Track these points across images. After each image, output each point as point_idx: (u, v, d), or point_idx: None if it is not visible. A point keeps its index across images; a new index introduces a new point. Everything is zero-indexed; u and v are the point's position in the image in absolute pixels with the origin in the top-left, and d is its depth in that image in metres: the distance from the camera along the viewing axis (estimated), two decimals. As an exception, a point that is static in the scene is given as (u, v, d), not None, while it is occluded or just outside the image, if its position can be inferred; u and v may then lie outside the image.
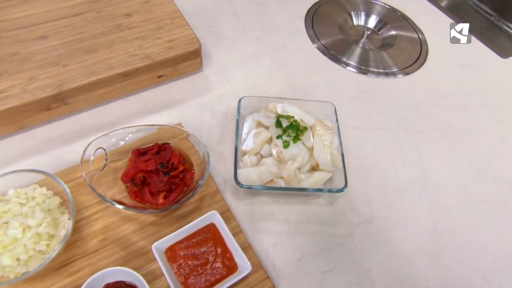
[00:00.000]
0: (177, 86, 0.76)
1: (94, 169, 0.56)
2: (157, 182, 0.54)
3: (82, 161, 0.54)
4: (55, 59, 0.68)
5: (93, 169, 0.56)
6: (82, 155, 0.55)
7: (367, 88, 0.82)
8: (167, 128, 0.62)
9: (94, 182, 0.55)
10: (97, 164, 0.57)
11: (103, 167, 0.56)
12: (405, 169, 0.70)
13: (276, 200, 0.63)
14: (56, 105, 0.66)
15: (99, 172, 0.55)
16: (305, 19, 0.92)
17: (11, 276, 0.47)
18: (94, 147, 0.56)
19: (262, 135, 0.61)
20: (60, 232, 0.51)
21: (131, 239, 0.56)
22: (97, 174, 0.55)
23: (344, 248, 0.60)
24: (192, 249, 0.52)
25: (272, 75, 0.81)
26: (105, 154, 0.57)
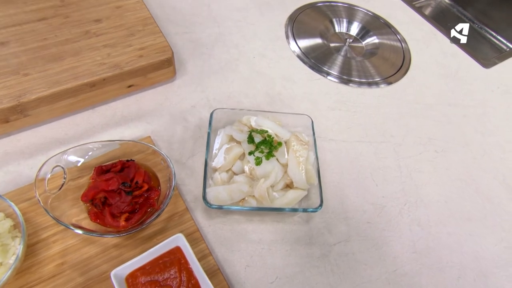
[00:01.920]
0: (148, 96, 0.72)
1: (50, 188, 0.52)
2: (119, 203, 0.51)
3: (36, 180, 0.50)
4: (15, 67, 0.63)
5: (49, 188, 0.52)
6: (36, 174, 0.51)
7: (348, 98, 0.79)
8: (132, 143, 0.59)
9: (49, 203, 0.51)
10: (55, 182, 0.54)
11: (60, 186, 0.52)
12: (385, 184, 0.68)
13: (249, 218, 0.60)
14: (15, 117, 0.61)
15: (57, 192, 0.51)
16: (286, 26, 0.89)
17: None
18: (52, 165, 0.53)
19: (234, 151, 0.58)
20: (9, 259, 0.47)
21: (92, 263, 0.52)
22: (53, 194, 0.51)
23: (320, 270, 0.57)
24: (154, 275, 0.48)
25: (249, 85, 0.78)
26: (64, 173, 0.53)
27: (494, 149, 0.77)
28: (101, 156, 0.59)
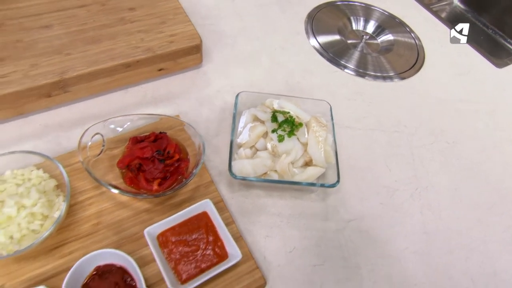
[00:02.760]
0: (177, 80, 0.77)
1: (91, 155, 0.57)
2: (153, 169, 0.55)
3: (79, 145, 0.55)
4: (58, 48, 0.69)
5: (90, 154, 0.56)
6: (79, 139, 0.56)
7: (364, 90, 0.83)
8: (165, 119, 0.63)
9: (90, 167, 0.55)
10: (94, 150, 0.58)
11: (100, 152, 0.57)
12: (398, 170, 0.72)
13: (269, 193, 0.64)
14: (56, 93, 0.67)
15: (96, 157, 0.56)
16: (305, 22, 0.94)
17: (3, 253, 0.47)
18: (92, 133, 0.57)
19: (257, 129, 0.62)
20: (54, 214, 0.51)
21: (124, 224, 0.56)
22: (93, 159, 0.56)
23: (335, 243, 0.61)
24: (183, 235, 0.52)
25: (270, 74, 0.82)
26: (103, 140, 0.58)
27: (503, 143, 0.80)
28: (135, 130, 0.63)
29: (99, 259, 0.50)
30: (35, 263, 0.52)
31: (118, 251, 0.49)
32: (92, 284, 0.48)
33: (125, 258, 0.49)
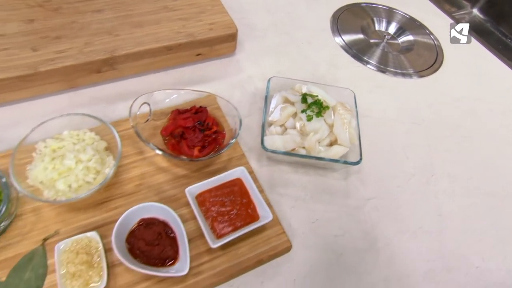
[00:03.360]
0: (212, 66, 0.83)
1: (139, 122, 0.63)
2: (193, 137, 0.61)
3: (130, 111, 0.61)
4: (108, 29, 0.76)
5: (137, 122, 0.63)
6: (131, 106, 0.62)
7: (384, 84, 0.89)
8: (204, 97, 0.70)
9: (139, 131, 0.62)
10: (140, 120, 0.65)
11: (147, 120, 0.63)
12: (415, 158, 0.76)
13: (295, 170, 0.69)
14: (105, 69, 0.73)
15: (144, 123, 0.62)
16: (331, 20, 1.00)
17: (63, 198, 0.53)
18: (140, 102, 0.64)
19: (288, 109, 0.68)
20: (105, 170, 0.57)
21: (164, 187, 0.62)
22: (143, 123, 0.62)
23: (355, 218, 0.66)
24: (219, 197, 0.58)
25: (297, 66, 0.88)
26: (149, 109, 0.64)
27: (517, 140, 0.84)
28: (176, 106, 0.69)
29: (144, 212, 0.55)
30: (85, 214, 0.58)
31: (163, 205, 0.55)
32: (138, 232, 0.54)
33: (169, 211, 0.54)
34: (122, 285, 0.52)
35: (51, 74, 0.69)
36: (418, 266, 0.62)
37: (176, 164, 0.64)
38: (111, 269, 0.53)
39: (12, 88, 0.68)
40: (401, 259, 0.62)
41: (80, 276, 0.50)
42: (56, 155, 0.56)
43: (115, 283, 0.52)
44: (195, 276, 0.54)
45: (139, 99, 0.63)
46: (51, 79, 0.70)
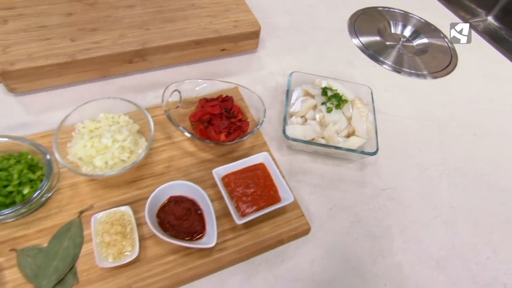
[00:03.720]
0: (235, 61, 0.88)
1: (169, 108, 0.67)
2: (220, 124, 0.65)
3: (163, 97, 0.65)
4: (139, 24, 0.81)
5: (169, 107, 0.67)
6: (163, 93, 0.66)
7: (399, 84, 0.92)
8: (229, 89, 0.74)
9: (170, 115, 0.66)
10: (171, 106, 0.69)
11: (176, 106, 0.67)
12: (428, 153, 0.79)
13: (314, 159, 0.73)
14: (136, 60, 0.78)
15: (175, 108, 0.67)
16: (349, 22, 1.04)
17: (100, 173, 0.57)
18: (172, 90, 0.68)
19: (308, 102, 0.71)
20: (138, 150, 0.61)
21: (191, 169, 0.66)
22: (172, 111, 0.66)
23: (370, 206, 0.69)
24: (244, 179, 0.61)
25: (316, 63, 0.92)
26: (180, 96, 0.68)
27: (529, 141, 0.86)
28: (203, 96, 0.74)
29: (173, 190, 0.59)
30: (118, 191, 0.62)
31: (192, 184, 0.59)
32: (168, 208, 0.57)
33: (197, 189, 0.58)
34: (151, 257, 0.56)
35: (87, 63, 0.74)
36: (431, 254, 0.65)
37: (203, 149, 0.68)
38: (141, 242, 0.57)
39: (52, 75, 0.73)
40: (414, 246, 0.65)
41: (114, 245, 0.54)
42: (94, 134, 0.60)
43: (145, 254, 0.56)
44: (219, 252, 0.57)
45: (171, 86, 0.68)
46: (86, 67, 0.75)
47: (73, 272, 0.54)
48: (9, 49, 0.71)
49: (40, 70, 0.71)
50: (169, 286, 0.55)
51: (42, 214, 0.58)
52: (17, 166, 0.58)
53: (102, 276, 0.54)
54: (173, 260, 0.56)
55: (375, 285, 0.60)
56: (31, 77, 0.72)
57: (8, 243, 0.55)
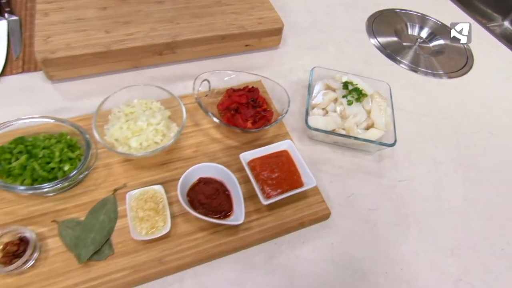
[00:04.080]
0: (258, 56, 0.92)
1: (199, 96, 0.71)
2: (247, 112, 0.69)
3: (194, 85, 0.70)
4: (169, 18, 0.85)
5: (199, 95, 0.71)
6: (194, 81, 0.70)
7: (416, 82, 0.95)
8: (256, 81, 0.78)
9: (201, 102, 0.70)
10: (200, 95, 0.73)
11: (205, 94, 0.72)
12: (444, 148, 0.81)
13: (333, 150, 0.76)
14: (166, 52, 0.82)
15: (205, 96, 0.71)
16: (367, 23, 1.07)
17: (135, 153, 0.61)
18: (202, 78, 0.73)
19: (330, 95, 0.75)
20: (170, 134, 0.65)
21: (217, 155, 0.70)
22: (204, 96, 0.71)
23: (387, 196, 0.71)
24: (269, 164, 0.65)
25: (335, 61, 0.95)
26: (209, 86, 0.73)
27: (543, 140, 0.88)
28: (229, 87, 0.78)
29: (203, 171, 0.63)
30: (149, 172, 0.66)
31: (221, 166, 0.62)
32: (198, 188, 0.61)
33: (226, 171, 0.62)
34: (181, 233, 0.60)
35: (121, 53, 0.78)
36: (445, 243, 0.67)
37: (228, 136, 0.72)
38: (171, 219, 0.60)
39: (87, 64, 0.78)
40: (430, 235, 0.68)
41: (148, 220, 0.58)
42: (129, 117, 0.65)
43: (175, 231, 0.60)
44: (245, 231, 0.61)
45: (202, 75, 0.72)
46: (119, 57, 0.79)
47: (108, 243, 0.58)
48: (50, 39, 0.76)
49: (77, 59, 0.76)
50: (197, 260, 0.58)
51: (80, 191, 0.63)
52: (58, 145, 0.62)
53: (135, 248, 0.58)
54: (201, 237, 0.60)
55: (392, 269, 0.63)
56: (69, 65, 0.77)
57: (50, 215, 0.60)
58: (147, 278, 0.56)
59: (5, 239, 0.55)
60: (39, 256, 0.55)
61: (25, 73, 0.80)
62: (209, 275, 0.58)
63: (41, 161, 0.60)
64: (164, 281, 0.57)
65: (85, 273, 0.55)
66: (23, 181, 0.59)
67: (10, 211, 0.59)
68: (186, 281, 0.57)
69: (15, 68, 0.81)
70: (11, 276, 0.53)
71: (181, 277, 0.58)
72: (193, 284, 0.57)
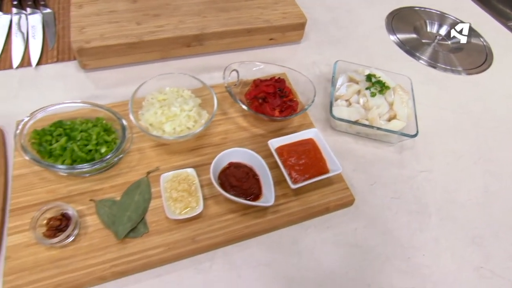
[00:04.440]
0: (281, 50, 0.94)
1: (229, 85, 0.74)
2: (274, 101, 0.71)
3: (224, 74, 0.72)
4: (197, 12, 0.88)
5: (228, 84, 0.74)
6: (224, 71, 0.74)
7: (435, 78, 0.96)
8: (280, 74, 0.80)
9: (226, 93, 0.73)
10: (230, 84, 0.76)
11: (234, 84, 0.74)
12: (463, 141, 0.83)
13: (356, 141, 0.78)
14: (194, 44, 0.85)
15: (233, 86, 0.74)
16: (386, 20, 1.09)
17: (169, 137, 0.64)
18: (230, 70, 0.75)
19: (353, 87, 0.77)
20: (201, 120, 0.68)
21: (245, 142, 0.72)
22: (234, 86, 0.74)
23: (408, 185, 0.73)
24: (296, 151, 0.67)
25: (356, 56, 0.97)
26: (237, 76, 0.75)
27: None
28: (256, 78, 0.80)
29: (233, 156, 0.65)
30: (180, 156, 0.69)
31: (251, 151, 0.65)
32: (229, 171, 0.64)
33: (256, 156, 0.65)
34: (212, 214, 0.62)
35: (151, 44, 0.82)
36: (467, 231, 0.69)
37: (255, 125, 0.75)
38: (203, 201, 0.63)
39: (119, 54, 0.81)
40: (451, 224, 0.69)
41: (181, 201, 0.61)
42: (163, 104, 0.67)
43: (206, 212, 0.62)
44: (273, 214, 0.63)
45: (231, 65, 0.75)
46: (150, 48, 0.83)
47: (143, 222, 0.61)
48: (85, 30, 0.80)
49: (110, 49, 0.79)
50: (228, 240, 0.61)
51: (115, 172, 0.66)
52: (95, 129, 0.66)
53: (169, 227, 0.60)
54: (231, 219, 0.62)
55: (414, 254, 0.65)
56: (102, 55, 0.80)
57: (88, 194, 0.63)
58: (181, 255, 0.59)
59: (48, 215, 0.59)
60: (79, 232, 0.59)
61: (60, 62, 0.84)
62: (239, 255, 0.61)
63: (80, 143, 0.64)
64: (195, 259, 0.60)
65: (122, 249, 0.58)
66: (64, 161, 0.62)
67: (51, 189, 0.63)
68: (217, 259, 0.60)
69: (50, 58, 0.84)
70: (55, 248, 0.56)
71: (212, 256, 0.60)
72: (223, 262, 0.60)
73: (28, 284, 0.53)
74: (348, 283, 0.61)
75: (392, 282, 0.62)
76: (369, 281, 0.61)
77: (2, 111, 0.74)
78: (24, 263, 0.55)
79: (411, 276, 0.62)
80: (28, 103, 0.75)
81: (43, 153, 0.63)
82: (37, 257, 0.56)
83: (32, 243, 0.57)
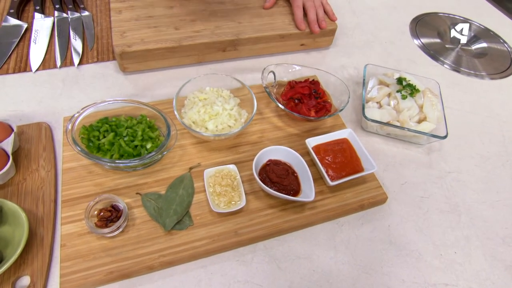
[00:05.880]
0: (311, 55, 0.98)
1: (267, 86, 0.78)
2: (309, 102, 0.74)
3: (262, 75, 0.76)
4: (231, 17, 0.92)
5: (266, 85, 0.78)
6: (262, 72, 0.77)
7: (459, 82, 0.99)
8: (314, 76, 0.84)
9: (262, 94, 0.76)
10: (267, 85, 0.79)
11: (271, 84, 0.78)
12: (490, 144, 0.85)
13: (385, 142, 0.81)
14: (229, 49, 0.89)
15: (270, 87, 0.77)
16: (410, 25, 1.12)
17: (211, 134, 0.68)
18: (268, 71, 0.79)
19: (384, 89, 0.80)
20: (241, 119, 0.72)
21: (280, 141, 0.75)
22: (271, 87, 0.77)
23: (438, 185, 0.76)
24: (331, 150, 0.70)
25: (382, 60, 1.00)
26: (274, 77, 0.79)
27: None
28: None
29: (272, 154, 0.69)
30: (220, 153, 0.72)
31: (291, 149, 0.68)
32: (269, 168, 0.67)
33: (295, 154, 0.68)
34: (253, 209, 0.65)
35: (189, 48, 0.86)
36: (496, 231, 0.71)
37: (289, 125, 0.78)
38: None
39: (158, 57, 0.85)
40: (481, 223, 0.71)
41: (224, 196, 0.64)
42: (205, 103, 0.71)
43: (247, 207, 0.65)
44: (310, 210, 0.66)
45: (269, 67, 0.79)
46: (188, 52, 0.86)
47: (188, 215, 0.64)
48: (125, 34, 0.84)
49: (150, 53, 0.83)
50: (268, 234, 0.64)
51: (158, 168, 0.69)
52: (140, 126, 0.69)
53: (212, 220, 0.64)
54: (271, 213, 0.65)
55: (446, 252, 0.67)
56: (142, 58, 0.84)
57: (133, 188, 0.66)
58: (224, 247, 0.62)
59: (99, 206, 0.62)
60: (127, 223, 0.62)
61: (99, 63, 0.89)
62: (278, 248, 0.64)
63: (126, 139, 0.67)
64: (238, 251, 0.63)
65: (169, 240, 0.61)
66: (112, 156, 0.66)
67: (99, 182, 0.67)
68: (258, 252, 0.63)
69: (91, 58, 0.89)
70: (106, 238, 0.60)
71: (254, 248, 0.63)
72: (264, 255, 0.63)
73: (83, 271, 0.57)
74: (383, 277, 0.63)
75: (425, 277, 0.64)
76: (404, 277, 0.63)
77: (49, 108, 0.78)
78: (78, 251, 0.59)
79: (444, 272, 0.64)
80: (72, 101, 0.80)
81: (92, 148, 0.67)
82: (90, 246, 0.59)
83: (84, 232, 0.61)
